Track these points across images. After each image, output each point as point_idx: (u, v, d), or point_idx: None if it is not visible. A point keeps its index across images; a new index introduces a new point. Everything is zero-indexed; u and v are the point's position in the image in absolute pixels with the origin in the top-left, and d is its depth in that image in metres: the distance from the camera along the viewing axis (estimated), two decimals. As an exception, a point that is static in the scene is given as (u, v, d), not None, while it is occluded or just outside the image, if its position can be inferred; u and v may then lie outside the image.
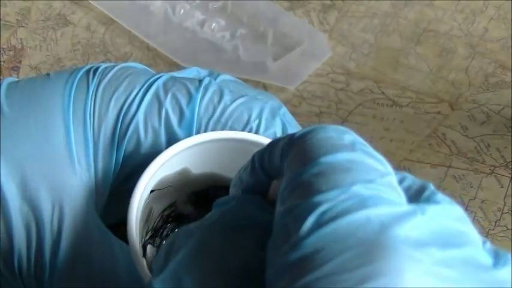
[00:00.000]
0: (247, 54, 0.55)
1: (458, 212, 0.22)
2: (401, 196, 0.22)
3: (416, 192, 0.23)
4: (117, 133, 0.31)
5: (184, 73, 0.36)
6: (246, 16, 0.58)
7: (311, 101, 0.54)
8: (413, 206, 0.21)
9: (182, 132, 0.32)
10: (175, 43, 0.56)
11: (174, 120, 0.32)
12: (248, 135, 0.31)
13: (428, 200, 0.22)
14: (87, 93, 0.32)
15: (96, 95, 0.32)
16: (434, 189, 0.23)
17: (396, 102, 0.54)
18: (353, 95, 0.54)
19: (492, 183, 0.49)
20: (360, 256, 0.19)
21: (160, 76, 0.33)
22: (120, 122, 0.32)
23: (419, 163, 0.50)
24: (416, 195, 0.23)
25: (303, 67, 0.55)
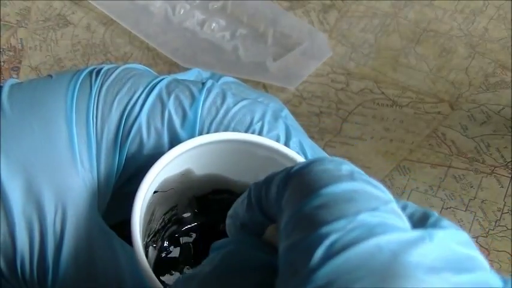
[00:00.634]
0: (247, 54, 0.55)
1: (464, 237, 0.21)
2: (406, 222, 0.21)
3: (419, 219, 0.23)
4: (120, 134, 0.31)
5: (185, 75, 0.37)
6: (246, 16, 0.58)
7: (311, 101, 0.54)
8: (421, 232, 0.20)
9: (185, 133, 0.32)
10: (175, 43, 0.56)
11: (177, 121, 0.32)
12: (251, 136, 0.31)
13: (434, 226, 0.22)
14: (90, 94, 0.32)
15: (99, 96, 0.32)
16: (439, 215, 0.23)
17: (396, 102, 0.54)
18: (353, 95, 0.54)
19: (492, 183, 0.49)
20: (375, 285, 0.19)
21: (163, 78, 0.33)
22: (123, 123, 0.32)
23: (419, 163, 0.50)
24: (420, 221, 0.22)
25: (303, 67, 0.55)
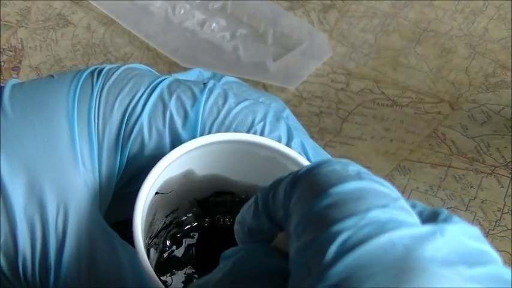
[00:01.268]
0: (247, 54, 0.55)
1: (475, 232, 0.21)
2: (416, 218, 0.22)
3: (429, 216, 0.23)
4: (121, 134, 0.31)
5: (186, 75, 0.37)
6: (246, 16, 0.58)
7: (311, 101, 0.54)
8: (432, 226, 0.20)
9: (186, 134, 0.32)
10: (175, 43, 0.56)
11: (179, 122, 0.32)
12: (253, 137, 0.31)
13: (445, 222, 0.22)
14: (91, 94, 0.32)
15: (100, 97, 0.32)
16: (448, 213, 0.23)
17: (396, 102, 0.54)
18: (353, 95, 0.54)
19: (492, 183, 0.49)
20: (389, 280, 0.19)
21: (164, 78, 0.33)
22: (124, 124, 0.31)
23: (419, 163, 0.50)
24: (430, 219, 0.22)
25: (303, 67, 0.55)
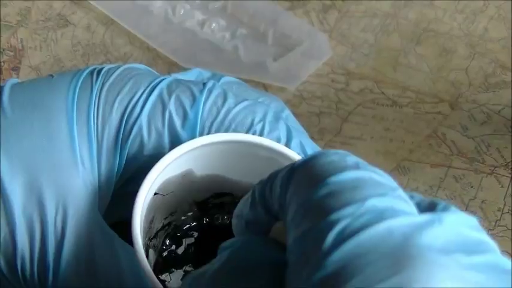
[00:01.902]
0: (247, 54, 0.55)
1: (473, 222, 0.22)
2: (413, 208, 0.22)
3: (427, 207, 0.23)
4: (120, 134, 0.31)
5: (186, 75, 0.37)
6: (246, 16, 0.58)
7: (311, 101, 0.54)
8: (430, 215, 0.21)
9: (185, 134, 0.32)
10: (175, 43, 0.56)
11: (178, 122, 0.32)
12: (252, 137, 0.31)
13: (443, 211, 0.22)
14: (91, 94, 0.32)
15: (100, 96, 0.32)
16: (446, 203, 0.23)
17: (396, 102, 0.54)
18: (353, 95, 0.54)
19: (492, 183, 0.49)
20: (387, 267, 0.19)
21: (164, 78, 0.33)
22: (123, 124, 0.31)
23: (419, 163, 0.50)
24: (428, 209, 0.23)
25: (303, 67, 0.55)
